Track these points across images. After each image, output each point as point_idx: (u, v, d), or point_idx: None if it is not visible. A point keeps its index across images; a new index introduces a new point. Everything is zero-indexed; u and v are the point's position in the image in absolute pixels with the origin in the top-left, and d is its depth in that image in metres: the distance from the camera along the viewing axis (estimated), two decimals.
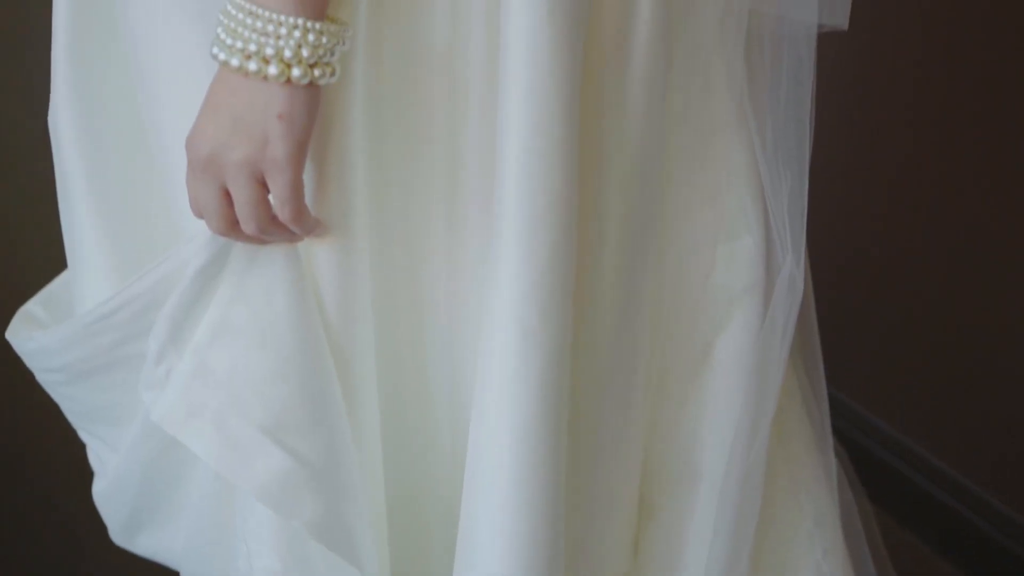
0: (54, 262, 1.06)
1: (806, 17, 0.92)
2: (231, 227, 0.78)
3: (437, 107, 0.83)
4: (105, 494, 1.01)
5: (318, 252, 0.81)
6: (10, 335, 0.99)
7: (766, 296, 0.97)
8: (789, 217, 0.95)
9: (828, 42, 0.95)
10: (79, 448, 1.06)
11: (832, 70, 0.96)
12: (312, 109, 0.74)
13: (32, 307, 1.05)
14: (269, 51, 0.72)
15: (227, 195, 0.77)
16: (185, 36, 0.85)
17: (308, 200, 0.78)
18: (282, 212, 0.76)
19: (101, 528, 1.06)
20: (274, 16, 0.72)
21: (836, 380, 1.18)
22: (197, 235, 0.82)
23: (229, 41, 0.73)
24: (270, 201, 0.77)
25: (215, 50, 0.74)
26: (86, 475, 1.06)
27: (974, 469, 1.68)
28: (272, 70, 0.72)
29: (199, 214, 0.79)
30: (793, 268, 0.94)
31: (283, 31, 0.72)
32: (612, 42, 0.83)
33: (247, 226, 0.77)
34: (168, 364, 0.84)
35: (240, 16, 0.73)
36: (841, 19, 0.92)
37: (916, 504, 1.73)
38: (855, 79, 1.57)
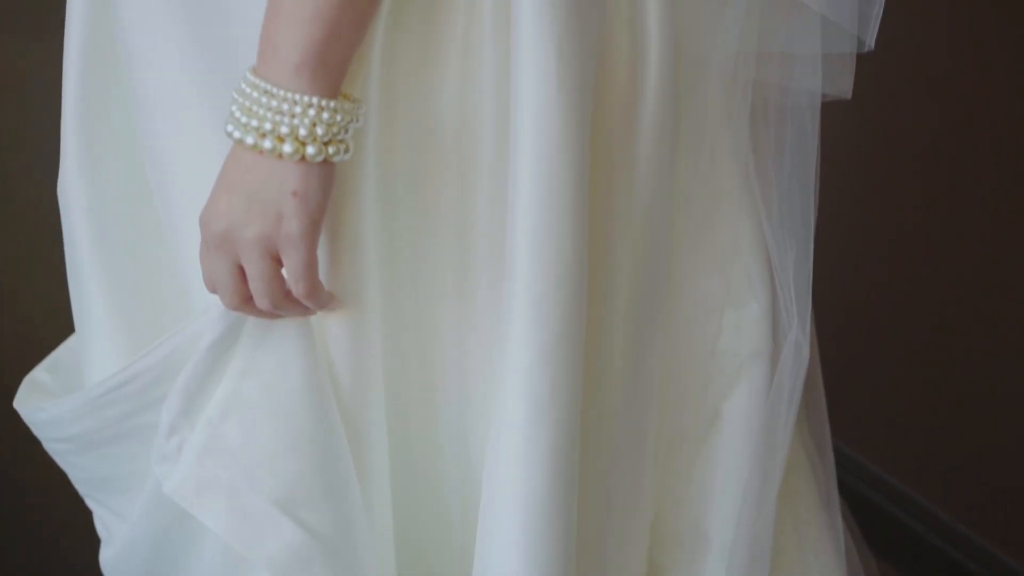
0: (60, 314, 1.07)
1: (810, 86, 0.93)
2: (245, 302, 0.78)
3: (448, 181, 0.84)
4: (113, 562, 1.01)
5: (331, 325, 0.82)
6: (18, 405, 0.99)
7: (773, 361, 0.98)
8: (795, 284, 0.96)
9: (832, 110, 0.96)
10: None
11: (835, 138, 0.97)
12: (326, 186, 0.75)
13: (38, 374, 1.05)
14: (284, 129, 0.73)
15: (241, 271, 0.77)
16: (196, 111, 0.85)
17: (321, 274, 0.79)
18: (296, 288, 0.77)
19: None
20: (289, 95, 0.73)
21: (838, 430, 1.18)
22: (209, 308, 0.82)
23: (244, 119, 0.74)
24: (284, 276, 0.77)
25: (229, 128, 0.75)
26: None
27: (978, 519, 1.68)
28: (287, 148, 0.73)
29: (212, 289, 0.79)
30: (799, 334, 0.95)
31: (298, 110, 0.73)
32: (620, 115, 0.84)
33: (261, 302, 0.77)
34: (180, 437, 0.84)
35: (255, 95, 0.73)
36: (845, 88, 0.93)
37: (919, 554, 1.73)
38: (858, 145, 1.59)
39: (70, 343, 1.08)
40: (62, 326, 1.08)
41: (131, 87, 0.91)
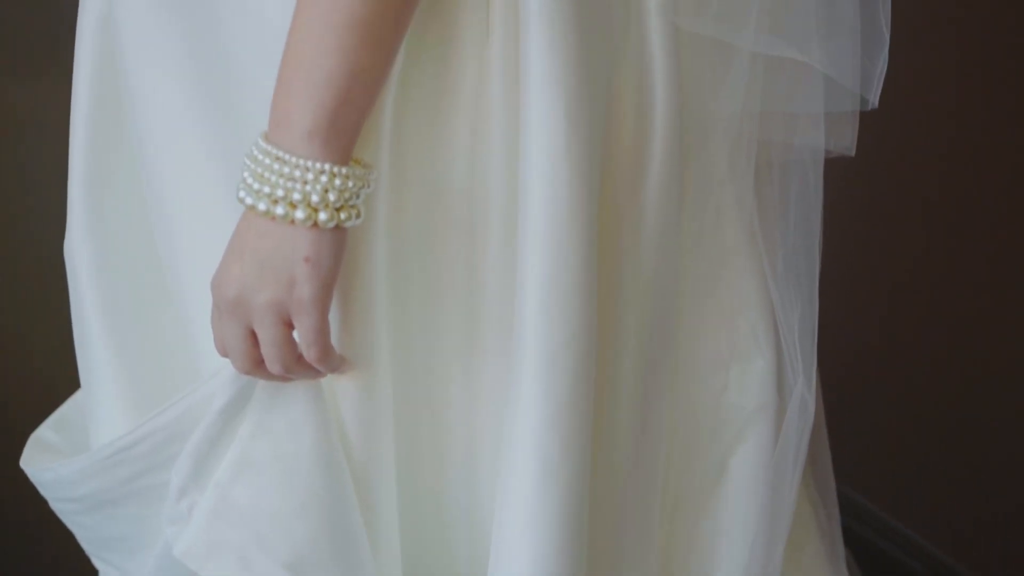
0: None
1: (814, 144, 0.94)
2: (256, 366, 0.78)
3: (457, 244, 0.84)
4: None
5: (341, 387, 0.82)
6: (25, 464, 0.99)
7: (778, 416, 0.98)
8: (799, 339, 0.96)
9: (835, 165, 0.97)
10: None
11: (839, 188, 0.98)
12: (338, 251, 0.76)
13: (44, 432, 1.05)
14: (296, 196, 0.73)
15: (253, 335, 0.77)
16: (205, 174, 0.86)
17: (332, 338, 0.79)
18: (308, 352, 0.77)
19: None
20: (301, 162, 0.73)
21: (840, 473, 1.19)
22: (220, 371, 0.83)
23: (256, 186, 0.74)
24: (296, 341, 0.77)
25: (241, 193, 0.75)
26: None
27: (981, 562, 1.68)
28: (299, 215, 0.73)
29: (224, 353, 0.79)
30: (804, 391, 0.96)
31: (310, 176, 0.73)
32: (627, 177, 0.85)
33: (273, 366, 0.78)
34: (191, 499, 0.84)
35: (267, 161, 0.74)
36: (848, 145, 0.94)
37: None
38: (860, 193, 1.60)
39: (76, 399, 1.08)
40: (66, 365, 1.08)
41: (139, 148, 0.91)
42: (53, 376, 1.13)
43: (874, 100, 0.89)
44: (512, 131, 0.81)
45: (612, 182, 0.85)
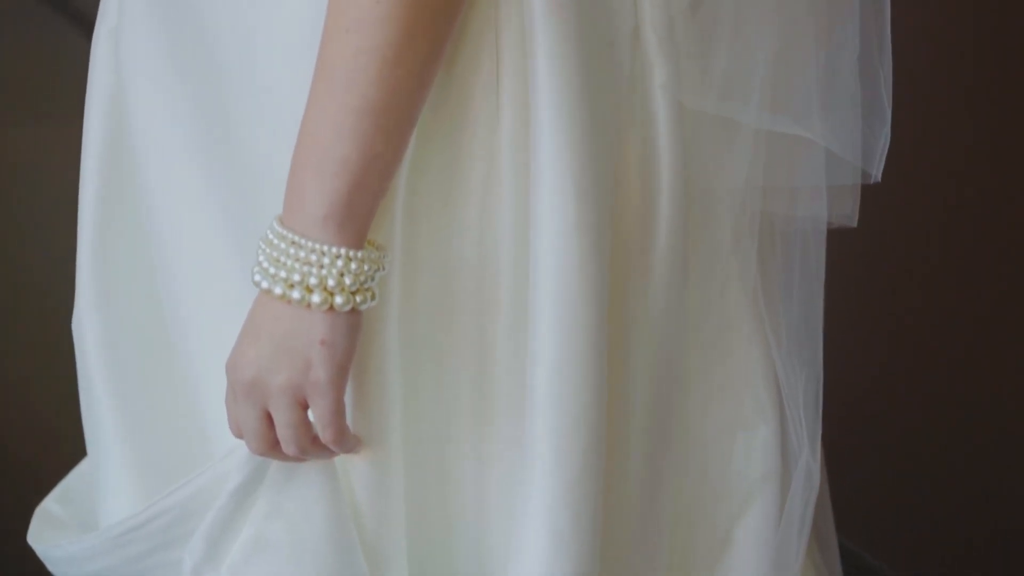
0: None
1: (816, 215, 0.95)
2: (271, 448, 0.79)
3: (468, 320, 0.85)
4: None
5: (355, 466, 0.82)
6: (33, 541, 0.99)
7: (783, 484, 0.99)
8: (804, 408, 0.97)
9: (837, 235, 0.99)
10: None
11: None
12: (354, 334, 0.76)
13: (50, 505, 1.05)
14: (312, 281, 0.74)
15: (268, 417, 0.78)
16: (217, 254, 0.87)
17: (347, 418, 0.79)
18: (324, 434, 0.77)
19: None
20: (317, 246, 0.74)
21: (842, 528, 1.19)
22: (233, 451, 0.83)
23: (272, 270, 0.75)
24: (311, 422, 0.78)
25: (257, 277, 0.76)
26: None
27: None
28: (315, 299, 0.74)
29: (238, 434, 0.80)
30: (810, 460, 0.96)
31: (326, 260, 0.74)
32: (634, 251, 0.86)
33: (288, 448, 0.78)
34: None
35: (282, 245, 0.75)
36: (850, 217, 0.95)
37: None
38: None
39: (81, 470, 1.09)
40: (70, 416, 1.08)
41: (149, 225, 0.92)
42: (56, 427, 1.13)
43: (876, 174, 0.90)
44: (522, 209, 0.82)
45: (619, 256, 0.86)
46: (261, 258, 0.76)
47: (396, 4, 0.72)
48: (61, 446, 1.11)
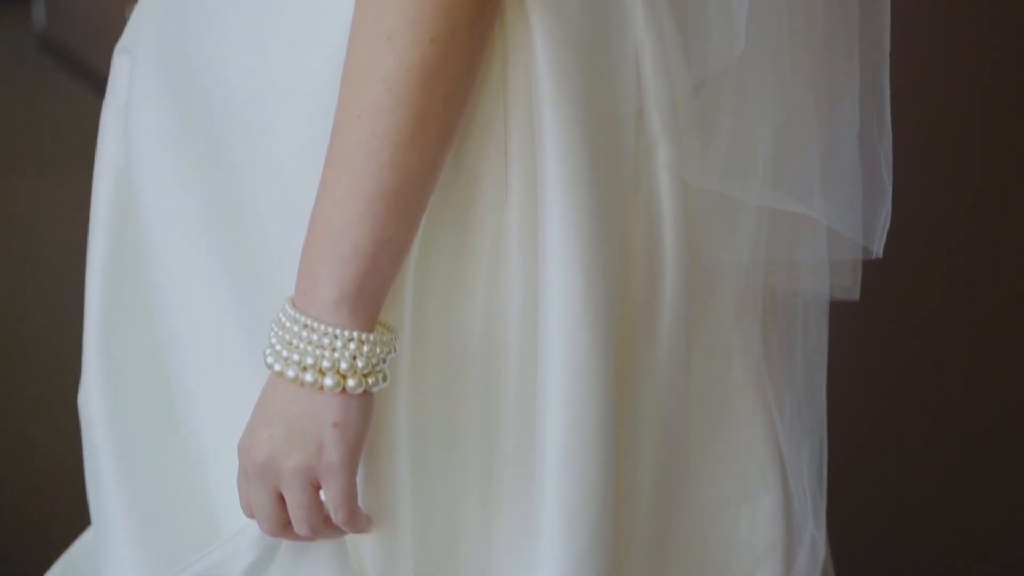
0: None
1: (817, 290, 0.96)
2: (283, 528, 0.79)
3: (476, 397, 0.86)
4: None
5: (365, 544, 0.83)
6: None
7: (788, 555, 0.99)
8: (808, 479, 0.98)
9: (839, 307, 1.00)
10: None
11: (841, 334, 1.00)
12: (366, 415, 0.77)
13: None
14: (325, 364, 0.75)
15: (281, 498, 0.78)
16: (227, 335, 0.87)
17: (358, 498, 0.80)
18: (336, 515, 0.78)
19: None
20: (329, 330, 0.75)
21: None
22: (244, 529, 0.83)
23: (285, 353, 0.76)
24: (323, 503, 0.78)
25: (269, 359, 0.76)
26: None
27: None
28: (328, 382, 0.75)
29: (250, 515, 0.80)
30: (815, 531, 0.97)
31: (338, 344, 0.75)
32: (640, 325, 0.87)
33: (300, 528, 0.79)
34: None
35: (295, 328, 0.76)
36: (852, 291, 0.96)
37: None
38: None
39: (83, 543, 1.09)
40: (72, 476, 1.08)
41: (157, 302, 0.92)
42: (58, 492, 1.13)
43: (878, 250, 0.92)
44: (530, 289, 0.83)
45: (626, 330, 0.87)
46: (274, 340, 0.76)
47: (408, 91, 0.73)
48: (66, 505, 1.11)
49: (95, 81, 5.27)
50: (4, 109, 4.52)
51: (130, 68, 0.95)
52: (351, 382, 0.75)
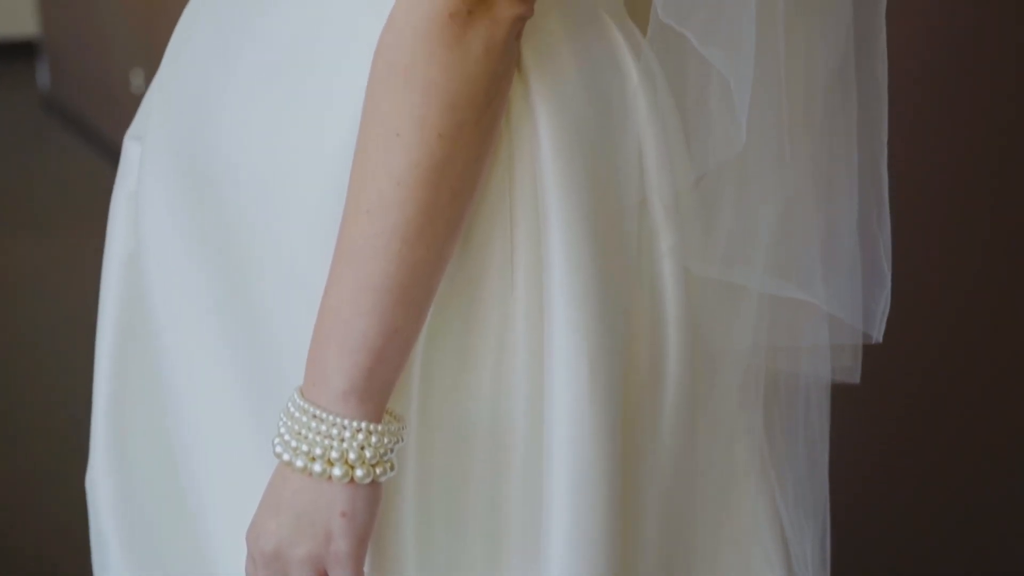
0: None
1: (818, 374, 0.97)
2: None
3: (482, 482, 0.86)
4: None
5: None
6: None
7: None
8: (812, 562, 0.98)
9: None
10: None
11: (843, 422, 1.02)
12: (373, 505, 0.78)
13: None
14: (334, 455, 0.76)
15: None
16: (234, 423, 0.88)
17: None
18: None
19: None
20: (338, 420, 0.76)
21: None
22: None
23: (294, 443, 0.76)
24: None
25: (278, 449, 0.77)
26: None
27: None
28: (336, 472, 0.76)
29: None
30: None
31: (347, 435, 0.76)
32: (645, 410, 0.89)
33: None
34: None
35: (304, 419, 0.77)
36: (853, 375, 0.98)
37: None
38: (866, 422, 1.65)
39: None
40: (75, 543, 1.08)
41: (165, 388, 0.93)
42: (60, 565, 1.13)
43: (878, 336, 0.93)
44: (536, 376, 0.84)
45: (630, 414, 0.88)
46: (283, 430, 0.77)
47: (416, 187, 0.75)
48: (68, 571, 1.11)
49: (98, 141, 5.32)
50: (10, 168, 4.55)
51: (141, 155, 0.96)
52: (359, 472, 0.76)
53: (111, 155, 4.90)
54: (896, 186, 0.95)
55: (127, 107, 5.02)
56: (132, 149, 0.99)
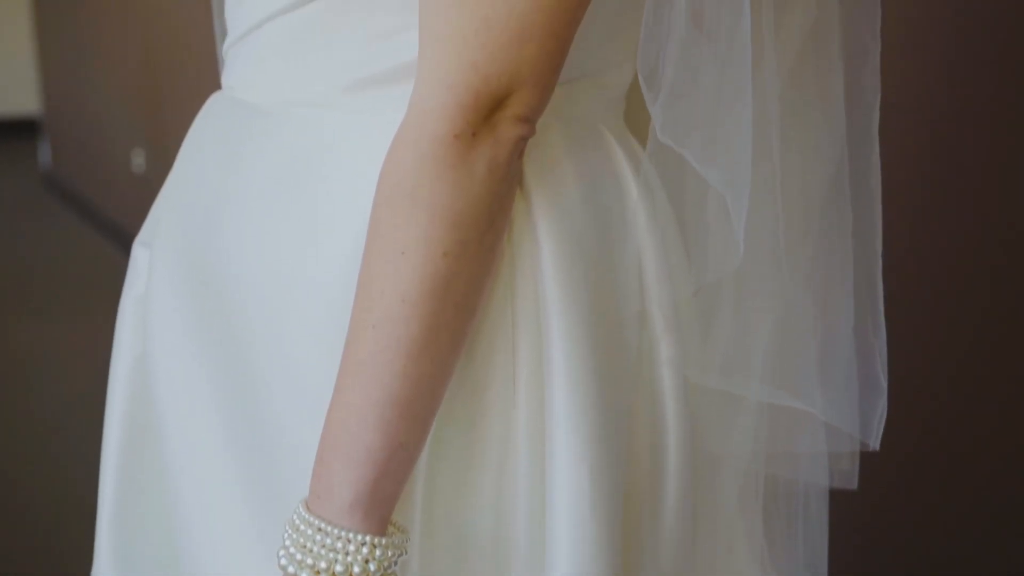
0: None
1: (816, 480, 0.98)
2: None
3: None
4: None
5: None
6: None
7: None
8: None
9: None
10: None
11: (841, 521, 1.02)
12: None
13: None
14: (338, 568, 0.76)
15: None
16: (239, 530, 0.88)
17: None
18: None
19: None
20: (343, 533, 0.77)
21: None
22: None
23: (299, 556, 0.77)
24: None
25: (283, 560, 0.78)
26: None
27: None
28: None
29: None
30: None
31: (351, 548, 0.77)
32: (645, 515, 0.90)
33: None
34: None
35: (309, 532, 0.77)
36: (851, 481, 0.98)
37: None
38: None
39: None
40: None
41: (170, 492, 0.94)
42: None
43: (875, 444, 0.94)
44: (538, 486, 0.85)
45: (631, 518, 0.89)
46: (288, 543, 0.78)
47: (421, 303, 0.76)
48: None
49: (99, 220, 5.35)
50: (10, 247, 4.57)
51: (150, 261, 0.98)
52: None
53: (112, 234, 4.93)
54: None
55: (128, 187, 5.05)
56: (141, 255, 1.01)
